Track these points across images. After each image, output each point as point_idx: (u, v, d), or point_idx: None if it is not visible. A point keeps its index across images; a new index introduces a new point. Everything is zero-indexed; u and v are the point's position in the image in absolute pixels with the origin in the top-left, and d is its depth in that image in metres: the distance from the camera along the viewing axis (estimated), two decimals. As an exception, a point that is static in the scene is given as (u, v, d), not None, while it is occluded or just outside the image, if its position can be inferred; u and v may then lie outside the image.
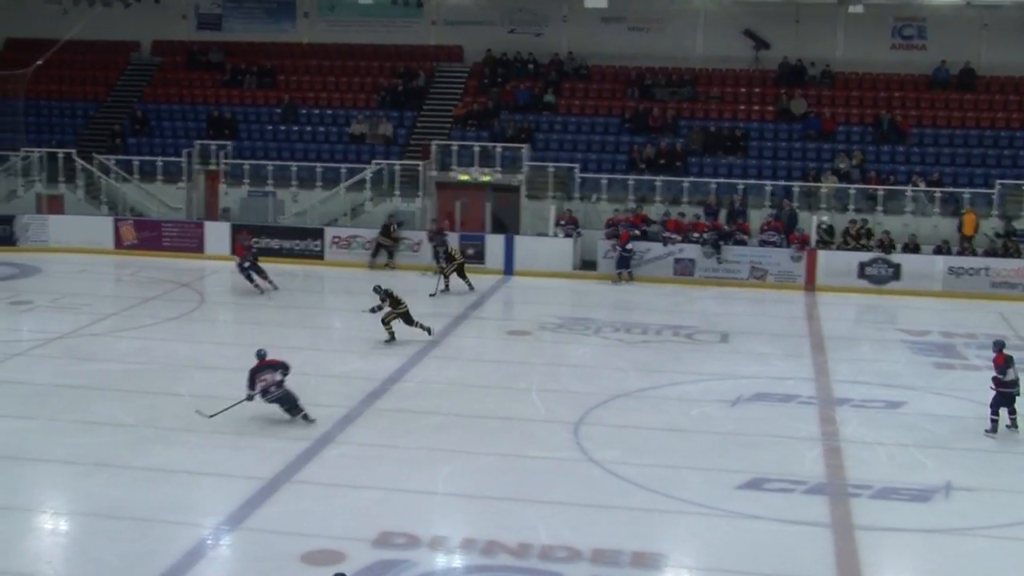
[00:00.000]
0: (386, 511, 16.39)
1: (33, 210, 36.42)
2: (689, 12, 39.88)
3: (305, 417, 19.88)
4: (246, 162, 36.59)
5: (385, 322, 25.10)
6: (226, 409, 19.54)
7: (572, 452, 19.07)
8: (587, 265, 33.62)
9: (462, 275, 30.71)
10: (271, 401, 19.71)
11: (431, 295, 29.67)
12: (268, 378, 19.66)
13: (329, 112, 38.70)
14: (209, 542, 15.61)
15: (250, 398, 19.65)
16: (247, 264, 29.98)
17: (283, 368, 19.80)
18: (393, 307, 25.17)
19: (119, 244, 35.19)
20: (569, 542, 15.34)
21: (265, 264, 31.05)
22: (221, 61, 41.05)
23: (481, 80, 39.43)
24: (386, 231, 33.91)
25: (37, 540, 16.21)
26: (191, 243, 34.50)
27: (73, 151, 37.07)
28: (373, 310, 25.29)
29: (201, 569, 14.99)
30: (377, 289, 25.45)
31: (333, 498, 16.97)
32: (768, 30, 39.47)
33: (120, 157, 37.27)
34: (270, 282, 29.91)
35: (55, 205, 36.78)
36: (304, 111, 38.87)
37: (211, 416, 19.48)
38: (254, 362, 19.84)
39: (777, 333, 28.10)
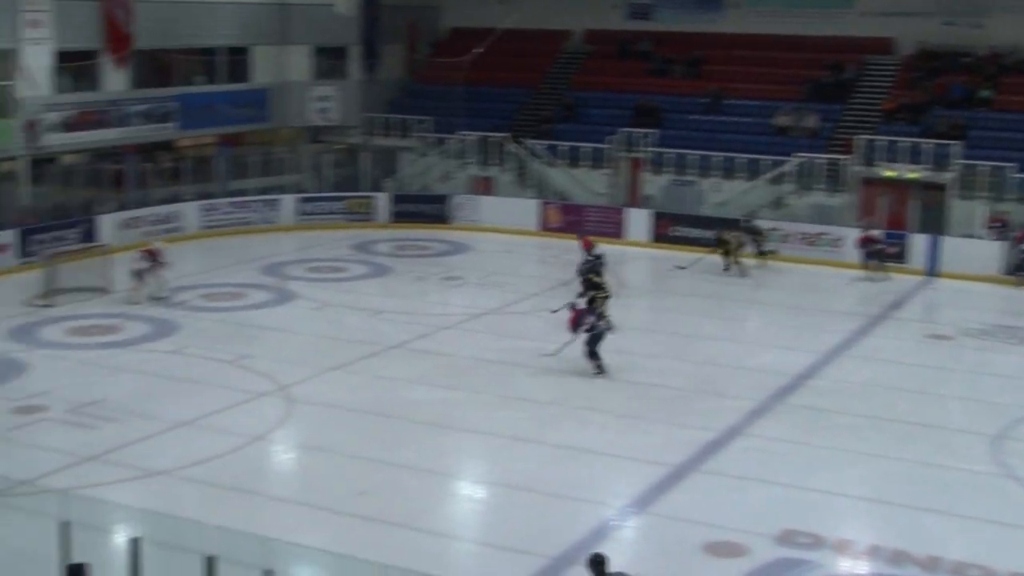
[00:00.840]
0: (791, 508, 16.24)
1: (466, 191, 38.37)
2: None
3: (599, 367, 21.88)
4: (670, 151, 36.97)
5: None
6: (566, 345, 22.23)
7: (991, 466, 18.18)
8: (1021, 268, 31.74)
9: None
10: (588, 332, 22.12)
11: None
12: (589, 320, 22.26)
13: (754, 103, 38.44)
14: (614, 523, 16.02)
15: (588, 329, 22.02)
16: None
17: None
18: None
19: (544, 226, 36.48)
20: (984, 562, 14.66)
21: (682, 252, 31.38)
22: (649, 50, 41.66)
23: (912, 74, 38.03)
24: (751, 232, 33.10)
25: (455, 504, 17.18)
26: (611, 228, 35.24)
27: (506, 135, 38.71)
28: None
29: (606, 548, 15.35)
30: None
31: (738, 490, 16.98)
32: None
33: (549, 142, 38.55)
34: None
35: (486, 186, 38.56)
36: (729, 102, 38.83)
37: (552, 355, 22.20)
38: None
39: None
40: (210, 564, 10.66)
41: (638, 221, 35.35)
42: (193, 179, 36.81)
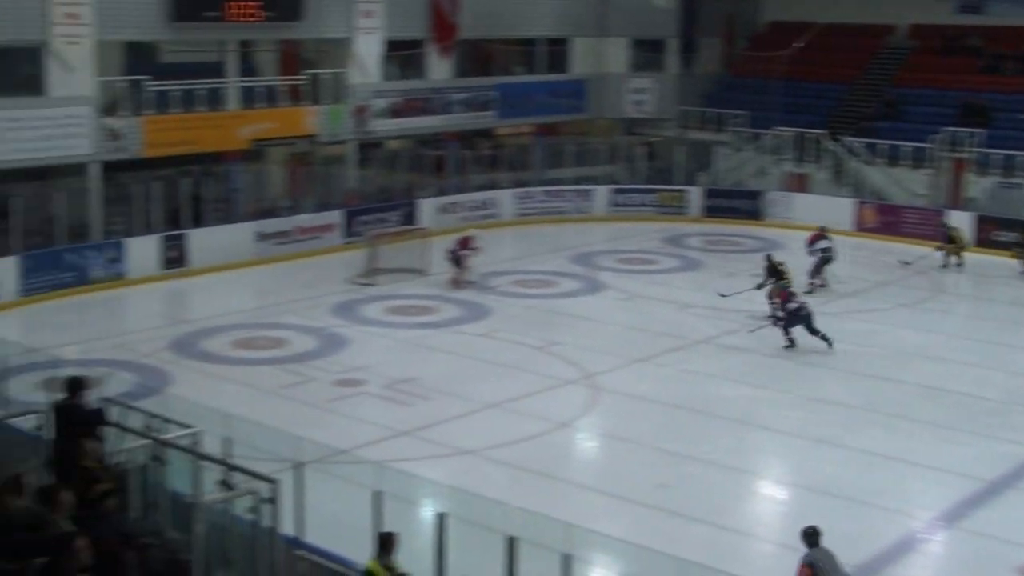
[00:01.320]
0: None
1: (781, 187, 37.74)
2: None
3: (825, 338, 22.60)
4: (997, 151, 35.28)
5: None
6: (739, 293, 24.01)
7: None
8: None
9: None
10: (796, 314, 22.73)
11: None
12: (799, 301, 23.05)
13: (1094, 103, 36.24)
14: (921, 535, 15.48)
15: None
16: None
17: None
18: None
19: (859, 226, 35.47)
20: None
21: (1001, 259, 30.02)
22: (979, 46, 39.84)
23: None
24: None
25: (756, 503, 17.00)
26: (930, 230, 33.95)
27: (823, 132, 37.85)
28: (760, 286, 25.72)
29: (911, 561, 14.93)
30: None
31: (1058, 512, 16.11)
32: None
33: (867, 140, 37.45)
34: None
35: (801, 184, 37.79)
36: (1065, 101, 36.72)
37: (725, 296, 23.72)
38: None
39: None
40: (511, 545, 10.90)
41: (959, 224, 33.91)
42: (509, 167, 37.68)
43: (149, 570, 7.64)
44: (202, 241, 28.96)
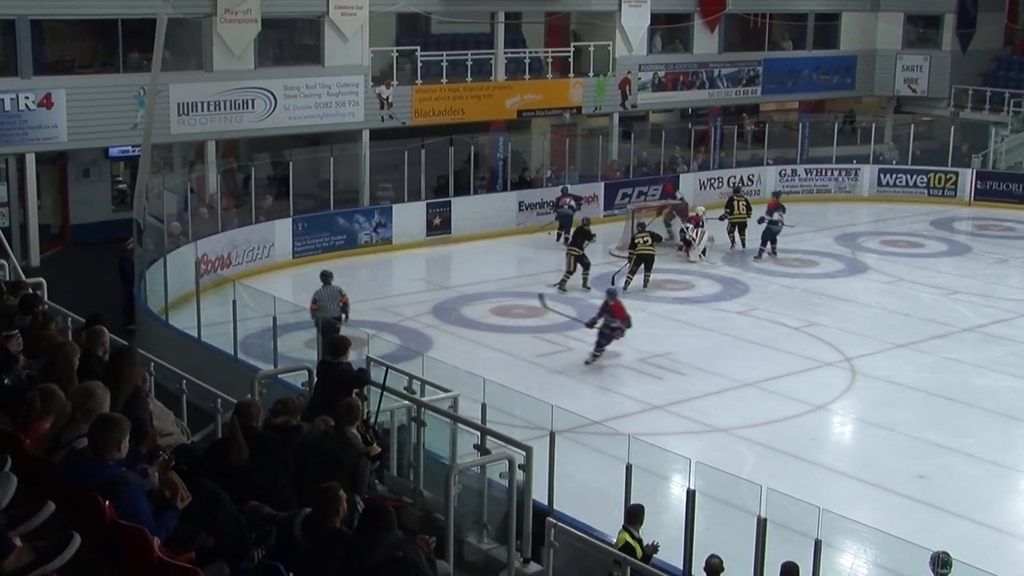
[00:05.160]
0: None
1: (1060, 171, 35.94)
2: None
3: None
4: None
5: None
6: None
7: None
8: None
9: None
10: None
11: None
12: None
13: None
14: None
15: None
16: None
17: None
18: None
19: None
20: None
21: None
22: None
23: None
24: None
25: (1018, 501, 16.31)
26: None
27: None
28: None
29: None
30: None
31: None
32: None
33: None
34: None
35: (1084, 168, 35.92)
36: None
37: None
38: None
39: None
40: (761, 525, 10.81)
41: None
42: (773, 144, 37.05)
43: (404, 528, 7.91)
44: (465, 209, 29.60)
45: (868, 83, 39.68)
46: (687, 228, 28.05)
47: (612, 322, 20.07)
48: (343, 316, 19.29)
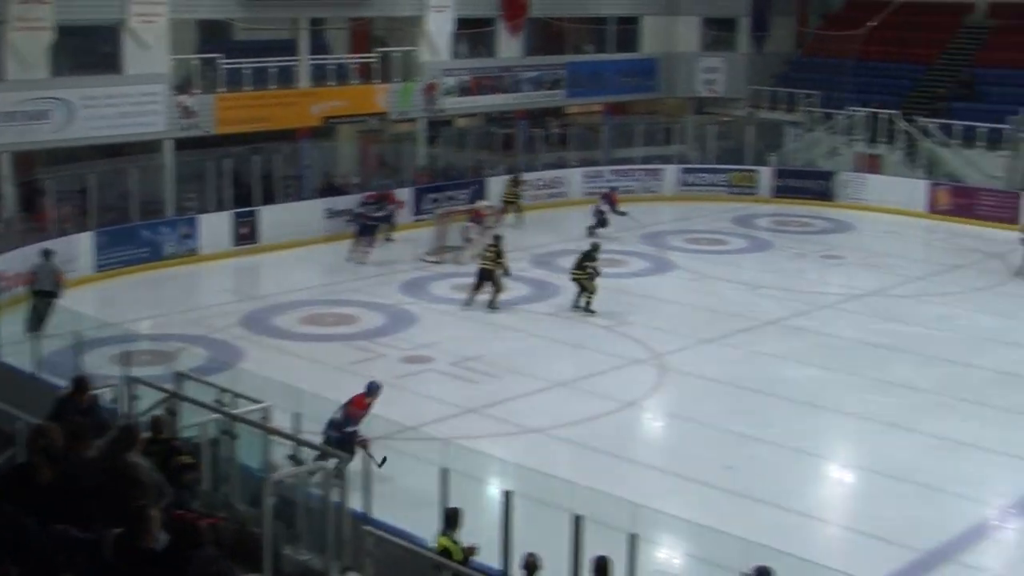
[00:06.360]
0: None
1: (852, 168, 37.31)
2: None
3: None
4: (1077, 133, 34.63)
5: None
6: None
7: None
8: None
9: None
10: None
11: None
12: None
13: None
14: (995, 523, 15.29)
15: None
16: None
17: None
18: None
19: (932, 208, 35.02)
20: None
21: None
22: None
23: None
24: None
25: (823, 487, 16.91)
26: (1006, 213, 33.42)
27: (896, 113, 37.34)
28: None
29: (984, 548, 14.77)
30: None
31: None
32: None
33: (942, 121, 36.91)
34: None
35: (873, 165, 37.32)
36: None
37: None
38: None
39: None
40: (577, 523, 10.92)
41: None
42: (578, 146, 37.57)
43: (219, 543, 7.74)
44: (273, 218, 29.20)
45: (669, 85, 40.57)
46: (469, 227, 28.34)
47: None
48: (57, 291, 20.80)
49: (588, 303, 23.98)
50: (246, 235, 28.75)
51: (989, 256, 29.90)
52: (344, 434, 14.63)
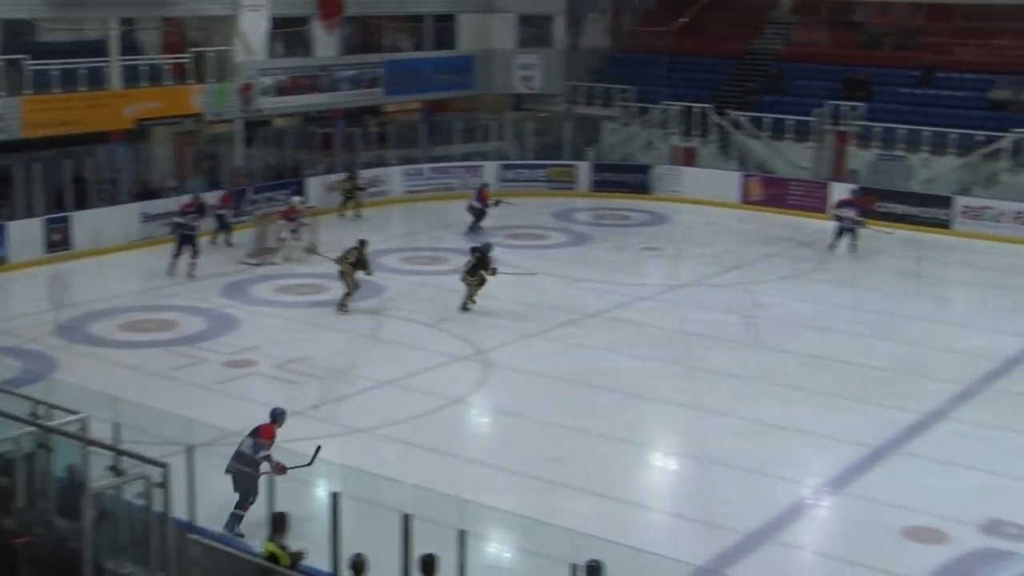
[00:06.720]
0: (997, 497, 15.73)
1: (668, 161, 38.10)
2: None
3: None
4: (878, 124, 35.98)
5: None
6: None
7: None
8: None
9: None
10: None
11: None
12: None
13: (970, 77, 37.07)
14: (810, 501, 15.80)
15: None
16: None
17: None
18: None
19: (745, 199, 36.00)
20: None
21: (882, 229, 30.61)
22: (862, 21, 40.56)
23: None
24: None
25: (648, 475, 17.21)
26: (815, 203, 34.54)
27: (709, 106, 38.25)
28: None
29: (801, 527, 15.25)
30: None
31: (941, 475, 16.55)
32: None
33: (752, 114, 37.93)
34: None
35: (688, 157, 38.19)
36: (943, 75, 37.53)
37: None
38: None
39: None
40: (406, 521, 10.90)
41: (842, 196, 34.55)
42: (398, 144, 37.51)
43: (37, 560, 7.48)
44: (86, 223, 28.39)
45: (486, 82, 40.76)
46: (283, 226, 28.20)
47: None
48: None
49: (468, 302, 24.11)
50: (58, 241, 27.90)
51: (800, 244, 30.88)
52: (255, 465, 14.08)
